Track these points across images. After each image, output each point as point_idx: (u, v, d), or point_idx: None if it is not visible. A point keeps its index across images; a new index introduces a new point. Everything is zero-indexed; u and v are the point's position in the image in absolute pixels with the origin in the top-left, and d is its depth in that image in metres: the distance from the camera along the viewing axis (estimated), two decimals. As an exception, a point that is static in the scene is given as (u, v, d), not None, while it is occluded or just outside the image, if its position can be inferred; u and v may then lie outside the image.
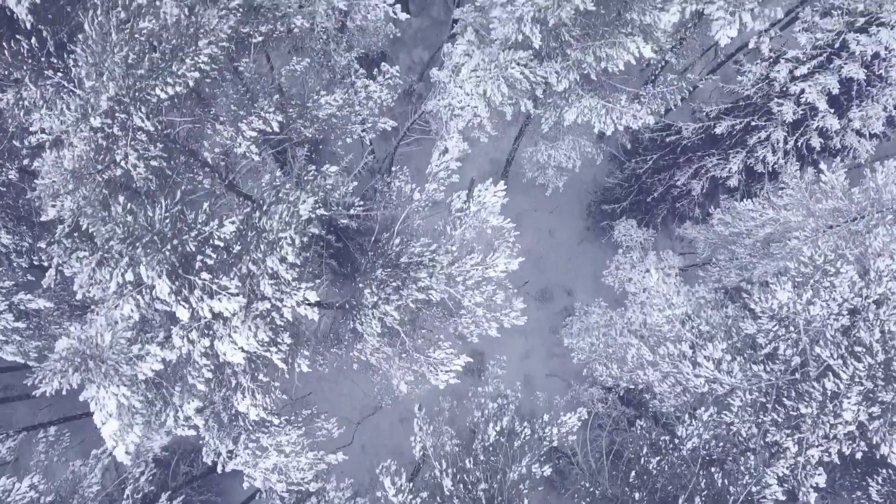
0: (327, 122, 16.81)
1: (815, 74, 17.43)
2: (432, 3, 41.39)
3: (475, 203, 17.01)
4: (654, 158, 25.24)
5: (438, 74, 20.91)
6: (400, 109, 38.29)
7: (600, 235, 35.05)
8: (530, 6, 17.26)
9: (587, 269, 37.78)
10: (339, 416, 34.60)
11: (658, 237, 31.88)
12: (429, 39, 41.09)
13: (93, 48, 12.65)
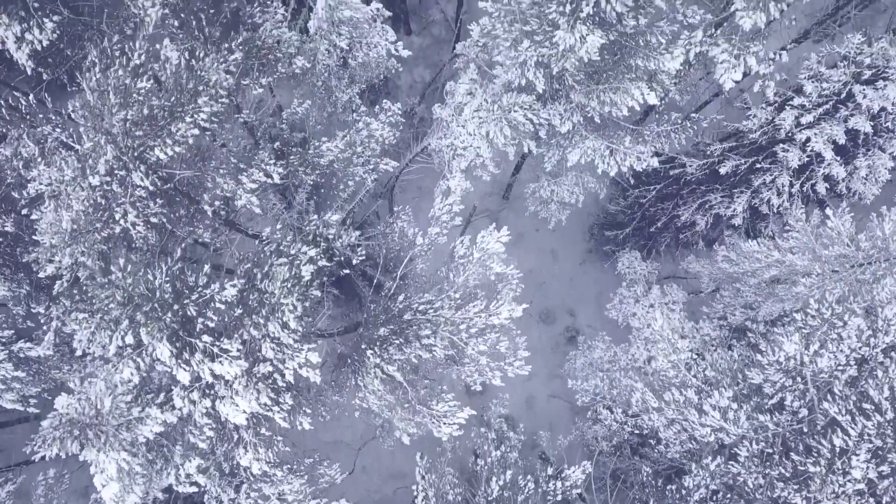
0: (329, 168, 16.61)
1: (820, 122, 17.23)
2: (433, 21, 41.17)
3: (478, 249, 16.80)
4: (658, 188, 25.04)
5: (441, 113, 20.71)
6: (401, 135, 38.17)
7: (603, 259, 34.79)
8: (533, 51, 17.07)
9: (590, 289, 37.54)
10: (340, 442, 34.34)
11: (661, 262, 31.65)
12: (430, 58, 40.88)
13: (91, 109, 12.45)
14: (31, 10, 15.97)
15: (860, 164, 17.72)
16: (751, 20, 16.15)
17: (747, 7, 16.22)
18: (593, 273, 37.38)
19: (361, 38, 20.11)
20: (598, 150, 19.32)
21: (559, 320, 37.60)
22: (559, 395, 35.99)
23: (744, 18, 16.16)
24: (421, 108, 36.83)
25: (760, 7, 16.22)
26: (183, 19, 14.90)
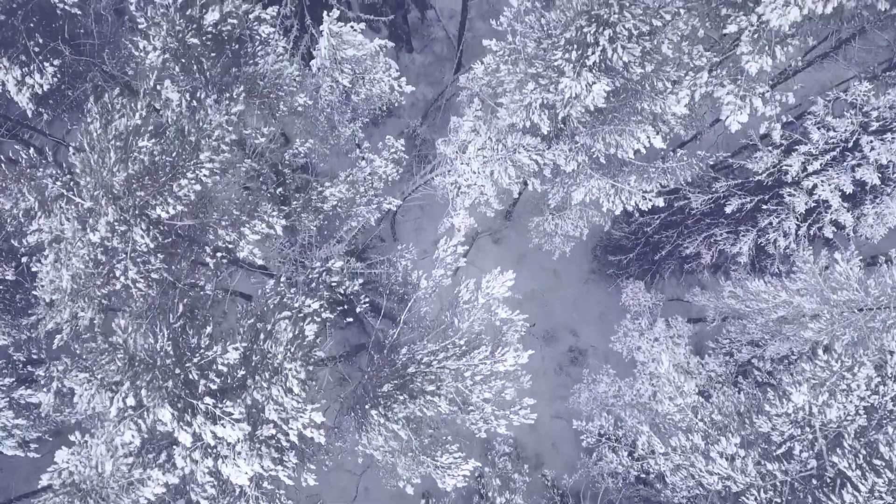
0: (332, 211, 16.38)
1: (827, 169, 16.95)
2: (434, 39, 40.95)
3: (483, 294, 16.54)
4: (662, 216, 24.79)
5: (444, 149, 20.44)
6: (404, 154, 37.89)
7: (606, 280, 34.53)
8: (539, 94, 16.82)
9: (593, 310, 37.27)
10: (341, 468, 34.02)
11: (665, 285, 31.36)
12: (432, 76, 40.66)
13: (91, 166, 12.19)
14: (32, 54, 15.76)
15: (867, 210, 17.45)
16: (756, 64, 15.89)
17: (753, 51, 15.97)
18: (596, 293, 37.11)
19: (364, 73, 19.88)
20: (603, 188, 19.05)
21: (562, 340, 37.33)
22: (562, 415, 35.75)
23: (749, 63, 15.90)
24: (423, 130, 36.57)
25: (766, 51, 15.97)
26: (183, 64, 14.65)
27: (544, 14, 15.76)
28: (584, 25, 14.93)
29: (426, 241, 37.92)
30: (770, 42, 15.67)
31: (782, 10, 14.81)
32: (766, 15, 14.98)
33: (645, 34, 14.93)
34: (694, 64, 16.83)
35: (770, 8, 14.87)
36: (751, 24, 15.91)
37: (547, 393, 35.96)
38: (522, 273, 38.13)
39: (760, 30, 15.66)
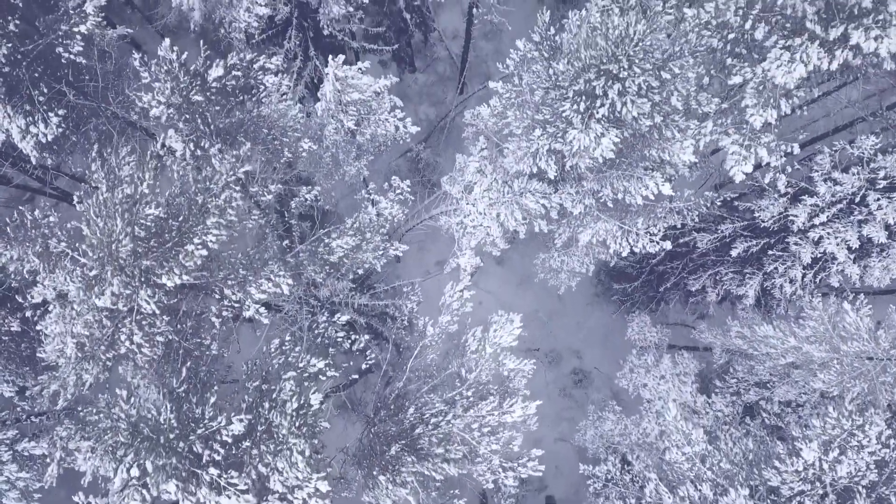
0: (339, 261, 16.13)
1: (834, 222, 16.67)
2: (437, 59, 40.56)
3: (490, 343, 16.28)
4: (668, 249, 24.48)
5: (450, 189, 20.16)
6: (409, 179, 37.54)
7: (610, 305, 34.21)
8: (546, 140, 16.54)
9: (596, 331, 36.96)
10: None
11: (670, 313, 31.05)
12: (434, 95, 40.31)
13: (97, 236, 11.96)
14: (37, 103, 15.51)
15: (874, 263, 17.18)
16: (761, 118, 15.62)
17: (757, 104, 15.69)
18: (600, 315, 36.77)
19: (370, 114, 19.62)
20: (610, 231, 18.78)
21: (566, 362, 37.04)
22: (566, 437, 35.47)
23: (754, 117, 15.63)
24: (427, 153, 36.26)
25: (771, 104, 15.69)
26: (188, 118, 14.41)
27: (552, 64, 15.48)
28: (592, 79, 14.65)
29: (429, 262, 37.61)
30: (775, 95, 15.41)
31: (788, 68, 14.55)
32: (771, 72, 14.72)
33: (654, 88, 14.65)
34: (702, 111, 16.56)
35: (776, 65, 14.61)
36: (755, 75, 15.65)
37: (551, 415, 35.67)
38: (525, 294, 37.81)
39: (765, 82, 15.39)
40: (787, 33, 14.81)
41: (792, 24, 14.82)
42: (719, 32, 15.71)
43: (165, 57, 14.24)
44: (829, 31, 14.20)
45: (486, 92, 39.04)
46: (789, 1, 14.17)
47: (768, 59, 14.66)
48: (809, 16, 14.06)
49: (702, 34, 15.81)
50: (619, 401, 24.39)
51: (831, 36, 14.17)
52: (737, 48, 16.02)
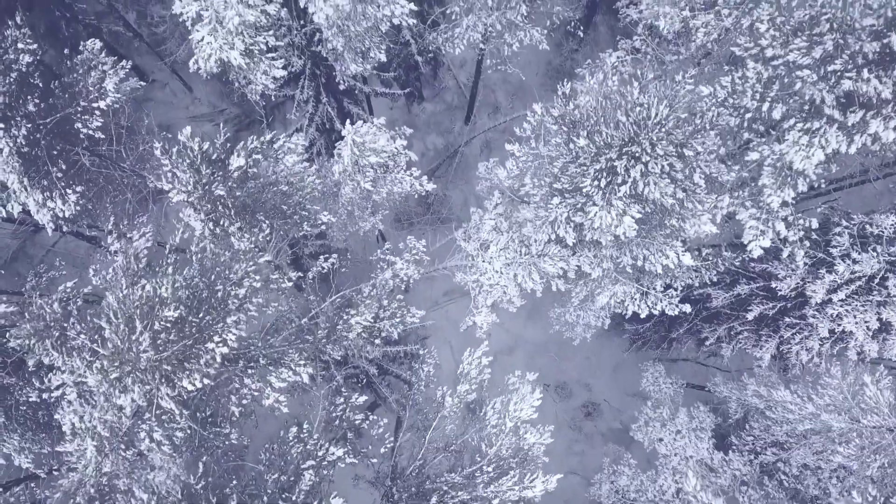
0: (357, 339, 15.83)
1: (853, 300, 16.31)
2: (445, 88, 40.20)
3: (511, 417, 15.96)
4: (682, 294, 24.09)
5: (465, 246, 19.86)
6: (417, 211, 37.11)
7: (620, 338, 33.82)
8: (564, 207, 16.19)
9: (606, 364, 36.61)
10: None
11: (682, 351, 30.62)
12: (442, 124, 39.93)
13: (117, 337, 11.65)
14: (55, 180, 15.19)
15: (892, 340, 16.82)
16: (778, 199, 15.28)
17: (775, 184, 15.32)
18: (609, 347, 36.40)
19: (386, 173, 19.29)
20: (628, 293, 18.44)
21: (575, 394, 36.69)
22: (575, 470, 35.14)
23: (772, 197, 15.27)
24: (436, 187, 35.87)
25: (788, 183, 15.32)
26: (209, 208, 14.09)
27: (572, 139, 15.11)
28: (614, 158, 14.31)
29: (437, 292, 37.27)
30: (792, 174, 15.04)
31: (806, 152, 14.24)
32: (789, 155, 14.39)
33: (677, 168, 14.29)
34: (719, 182, 16.20)
35: (794, 149, 14.29)
36: (773, 152, 15.29)
37: (561, 448, 35.33)
38: (535, 326, 37.45)
39: (783, 160, 15.02)
40: (804, 115, 14.48)
41: (810, 106, 14.49)
42: (736, 111, 15.37)
43: (187, 145, 13.96)
44: (848, 117, 13.87)
45: (494, 121, 38.77)
46: (808, 89, 13.83)
47: (786, 142, 14.35)
48: (828, 102, 13.72)
49: (719, 112, 15.45)
50: (634, 454, 24.01)
51: (850, 122, 13.86)
52: (753, 125, 15.67)
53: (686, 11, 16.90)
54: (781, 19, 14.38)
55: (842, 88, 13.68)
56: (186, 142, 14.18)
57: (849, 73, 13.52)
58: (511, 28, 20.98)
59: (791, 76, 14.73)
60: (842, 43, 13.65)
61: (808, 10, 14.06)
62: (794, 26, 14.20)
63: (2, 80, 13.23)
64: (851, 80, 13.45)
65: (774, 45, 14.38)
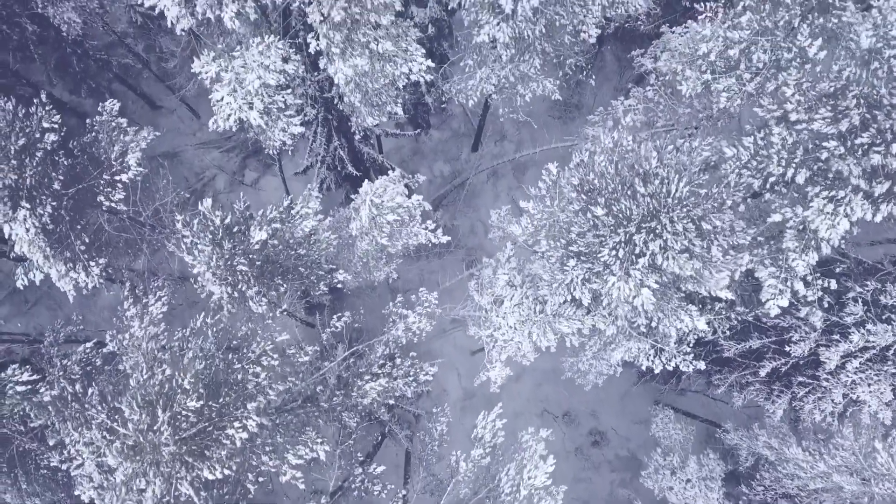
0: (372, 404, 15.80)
1: (866, 369, 16.23)
2: (452, 115, 40.10)
3: (525, 485, 15.90)
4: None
5: (479, 299, 19.79)
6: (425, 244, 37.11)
7: (629, 375, 33.61)
8: (581, 269, 16.16)
9: (613, 392, 36.36)
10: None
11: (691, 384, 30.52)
12: (449, 152, 39.81)
13: (138, 427, 11.63)
14: (79, 253, 15.15)
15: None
16: (803, 262, 15.17)
17: (798, 247, 15.25)
18: (617, 379, 36.33)
19: (402, 227, 19.27)
20: (642, 349, 18.40)
21: (582, 422, 36.51)
22: (583, 498, 35.09)
23: (796, 262, 15.16)
24: (444, 219, 35.87)
25: (812, 247, 15.25)
26: (229, 280, 14.07)
27: (591, 208, 15.07)
28: (633, 232, 14.28)
29: (444, 320, 37.14)
30: (815, 238, 14.96)
31: (832, 221, 14.11)
32: (814, 223, 14.29)
33: (695, 244, 14.23)
34: (737, 242, 16.14)
35: (819, 218, 14.15)
36: (795, 215, 15.19)
37: (568, 476, 35.16)
38: (542, 355, 37.40)
39: (806, 225, 14.94)
40: (829, 182, 14.41)
41: (835, 174, 14.40)
42: (759, 172, 15.29)
43: (208, 217, 13.93)
44: (874, 187, 13.79)
45: (501, 148, 38.67)
46: (835, 162, 13.74)
47: (811, 208, 14.24)
48: (855, 174, 13.65)
49: (741, 173, 15.40)
50: (644, 500, 23.93)
51: (876, 192, 13.76)
52: (776, 186, 15.59)
53: (707, 74, 16.83)
54: (807, 85, 14.26)
55: (870, 163, 13.50)
56: (207, 214, 14.15)
57: (877, 147, 13.30)
58: (524, 80, 20.95)
59: (815, 143, 14.56)
60: (868, 118, 13.46)
61: (834, 82, 13.97)
62: (820, 93, 14.06)
63: (29, 161, 13.19)
64: (881, 154, 13.31)
65: (799, 110, 14.14)
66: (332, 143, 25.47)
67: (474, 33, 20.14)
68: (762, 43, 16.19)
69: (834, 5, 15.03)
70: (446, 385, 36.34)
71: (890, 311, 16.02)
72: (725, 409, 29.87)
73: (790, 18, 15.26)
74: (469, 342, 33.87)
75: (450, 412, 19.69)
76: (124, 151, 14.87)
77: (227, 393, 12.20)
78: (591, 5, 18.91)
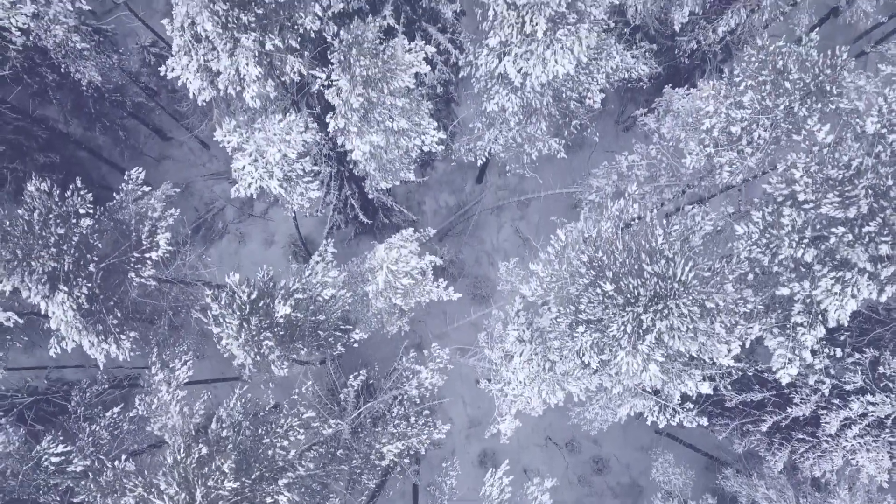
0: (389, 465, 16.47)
1: (865, 436, 16.92)
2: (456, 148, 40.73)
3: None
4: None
5: (489, 354, 20.48)
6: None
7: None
8: (589, 336, 16.85)
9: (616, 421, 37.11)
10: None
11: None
12: (455, 183, 40.39)
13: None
14: (110, 327, 15.79)
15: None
16: (812, 337, 15.80)
17: (807, 322, 15.88)
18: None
19: (415, 286, 19.95)
20: (647, 405, 19.10)
21: (585, 450, 37.11)
22: (584, 526, 35.72)
23: (805, 335, 15.80)
24: (450, 253, 36.53)
25: (819, 321, 15.89)
26: (256, 351, 14.77)
27: (600, 284, 15.76)
28: (641, 312, 14.98)
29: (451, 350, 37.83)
30: (823, 314, 15.58)
31: (839, 301, 14.70)
32: (823, 303, 14.88)
33: (699, 325, 14.89)
34: (742, 311, 16.78)
35: (828, 299, 14.68)
36: (803, 289, 15.78)
37: (570, 502, 36.01)
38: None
39: (813, 298, 15.54)
40: (836, 263, 15.00)
41: (841, 256, 14.91)
42: (769, 250, 15.88)
43: (234, 292, 14.60)
44: (880, 269, 14.37)
45: (505, 180, 39.31)
46: (843, 250, 14.29)
47: (819, 287, 14.84)
48: (862, 259, 14.24)
49: (751, 249, 16.04)
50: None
51: (882, 275, 14.34)
52: (784, 261, 16.16)
53: (710, 148, 17.53)
54: (815, 168, 14.61)
55: (878, 251, 13.79)
56: (235, 288, 14.84)
57: (885, 237, 13.61)
58: (530, 140, 21.69)
59: (823, 225, 14.68)
60: (876, 207, 13.76)
61: (843, 170, 14.17)
62: (827, 176, 14.60)
63: (67, 248, 13.84)
64: (888, 244, 13.58)
65: (808, 191, 14.45)
66: (344, 190, 26.18)
67: (484, 99, 20.90)
68: (763, 121, 16.92)
69: (831, 92, 15.77)
70: (452, 413, 37.02)
71: (888, 379, 16.70)
72: (725, 442, 30.59)
73: (790, 103, 15.99)
74: (473, 370, 34.50)
75: (458, 466, 20.35)
76: (154, 231, 15.53)
77: (258, 468, 12.88)
78: (595, 74, 19.64)
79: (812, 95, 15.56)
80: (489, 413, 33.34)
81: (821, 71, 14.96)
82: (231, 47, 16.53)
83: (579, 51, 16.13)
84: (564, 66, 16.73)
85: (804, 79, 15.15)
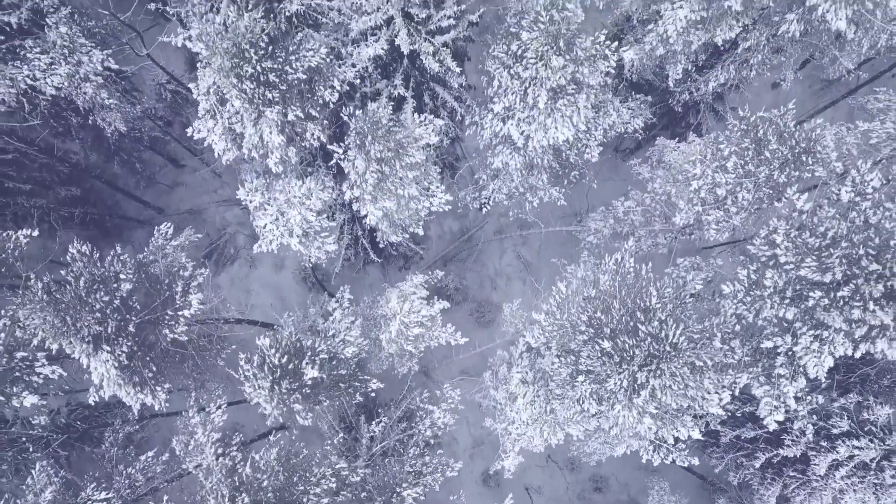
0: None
1: (853, 477, 18.25)
2: (462, 176, 42.05)
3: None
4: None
5: (494, 394, 21.81)
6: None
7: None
8: (589, 385, 18.19)
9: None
10: None
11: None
12: (458, 209, 41.74)
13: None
14: (146, 379, 17.14)
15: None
16: (794, 388, 17.14)
17: (788, 373, 17.21)
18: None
19: (426, 332, 21.29)
20: (643, 445, 20.42)
21: (584, 469, 38.53)
22: (584, 543, 37.02)
23: (787, 387, 17.11)
24: (454, 280, 37.84)
25: (801, 373, 17.20)
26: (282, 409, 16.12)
27: (598, 341, 17.08)
28: (636, 370, 16.33)
29: (454, 371, 39.11)
30: (804, 368, 16.92)
31: (818, 359, 16.04)
32: (803, 360, 16.22)
33: (690, 384, 16.22)
34: (730, 360, 18.12)
35: (808, 356, 16.01)
36: (785, 342, 17.14)
37: (571, 521, 37.34)
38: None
39: (795, 355, 16.89)
40: (815, 322, 16.36)
41: (818, 322, 16.27)
42: (753, 308, 17.20)
43: (264, 354, 15.95)
44: (854, 329, 15.69)
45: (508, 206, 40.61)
46: (820, 313, 15.61)
47: (799, 344, 16.16)
48: (837, 322, 15.59)
49: (737, 306, 17.37)
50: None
51: (856, 334, 15.65)
52: (768, 317, 17.46)
53: (698, 206, 18.90)
54: (795, 234, 15.66)
55: (851, 315, 14.89)
56: (265, 351, 16.21)
57: (857, 303, 14.72)
58: (532, 189, 23.06)
59: (803, 285, 15.78)
60: (849, 274, 14.88)
61: (820, 239, 15.29)
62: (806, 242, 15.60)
63: (110, 312, 15.18)
64: (859, 309, 14.70)
65: (788, 255, 15.65)
66: (356, 231, 27.55)
67: (489, 155, 22.28)
68: (746, 184, 18.29)
69: (807, 162, 17.13)
70: (456, 434, 38.35)
71: (872, 423, 17.99)
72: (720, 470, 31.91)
73: (770, 171, 17.35)
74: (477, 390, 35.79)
75: (464, 496, 21.62)
76: (186, 290, 16.87)
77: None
78: (593, 131, 21.02)
79: (790, 164, 16.91)
80: (491, 433, 34.44)
81: (797, 143, 16.30)
82: (256, 117, 17.80)
83: (578, 120, 17.44)
84: (564, 133, 18.05)
85: (781, 150, 16.50)
